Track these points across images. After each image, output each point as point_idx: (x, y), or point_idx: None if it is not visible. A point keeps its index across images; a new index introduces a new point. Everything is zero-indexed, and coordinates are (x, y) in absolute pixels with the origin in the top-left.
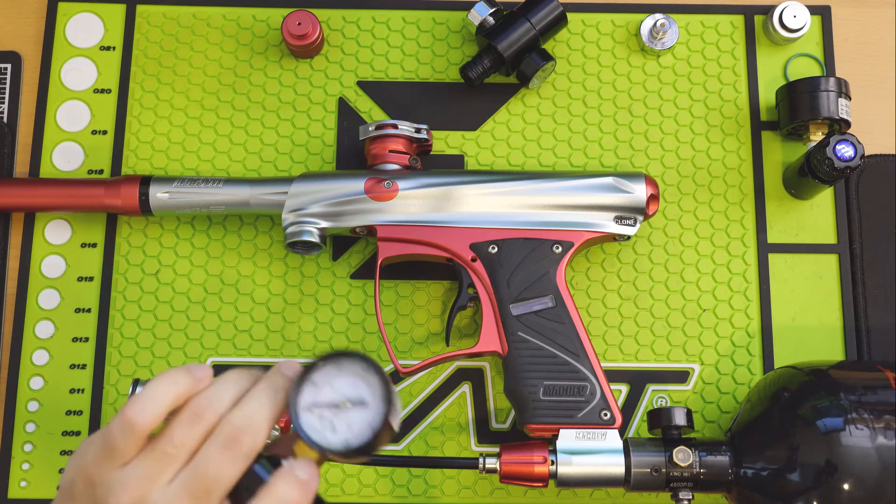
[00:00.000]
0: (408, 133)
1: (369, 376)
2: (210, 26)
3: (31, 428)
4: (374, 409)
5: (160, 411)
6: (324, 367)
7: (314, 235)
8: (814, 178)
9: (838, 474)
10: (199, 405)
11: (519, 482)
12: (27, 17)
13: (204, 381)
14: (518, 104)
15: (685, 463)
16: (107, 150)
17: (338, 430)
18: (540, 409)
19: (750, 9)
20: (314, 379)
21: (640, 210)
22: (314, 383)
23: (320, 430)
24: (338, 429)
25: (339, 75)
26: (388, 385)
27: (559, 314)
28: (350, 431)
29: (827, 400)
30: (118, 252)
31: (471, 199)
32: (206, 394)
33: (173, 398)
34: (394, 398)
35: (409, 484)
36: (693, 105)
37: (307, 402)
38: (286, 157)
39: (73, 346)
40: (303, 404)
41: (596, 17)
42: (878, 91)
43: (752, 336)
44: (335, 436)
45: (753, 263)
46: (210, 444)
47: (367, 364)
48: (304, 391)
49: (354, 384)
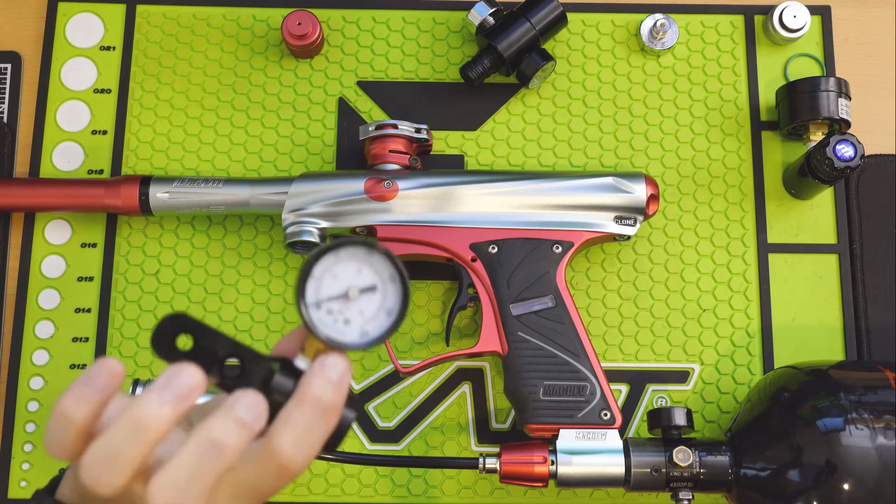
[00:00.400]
0: (408, 133)
1: (373, 259)
2: (210, 26)
3: (31, 428)
4: (385, 291)
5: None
6: (322, 258)
7: (314, 235)
8: (814, 178)
9: (838, 474)
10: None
11: (519, 482)
12: (27, 17)
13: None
14: (518, 104)
15: (685, 463)
16: (107, 150)
17: (351, 321)
18: (540, 409)
19: (750, 9)
20: (314, 273)
21: (640, 210)
22: (315, 277)
23: (332, 325)
24: (351, 320)
25: (339, 75)
26: (396, 263)
27: (559, 314)
28: (363, 318)
29: (827, 400)
30: (118, 252)
31: (471, 199)
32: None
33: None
34: (404, 275)
35: (409, 484)
36: (693, 105)
37: (312, 299)
38: (286, 157)
39: (73, 346)
40: (309, 301)
41: (596, 17)
42: (878, 91)
43: (752, 336)
44: (349, 328)
45: (753, 263)
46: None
47: (368, 247)
48: (307, 288)
49: (358, 269)
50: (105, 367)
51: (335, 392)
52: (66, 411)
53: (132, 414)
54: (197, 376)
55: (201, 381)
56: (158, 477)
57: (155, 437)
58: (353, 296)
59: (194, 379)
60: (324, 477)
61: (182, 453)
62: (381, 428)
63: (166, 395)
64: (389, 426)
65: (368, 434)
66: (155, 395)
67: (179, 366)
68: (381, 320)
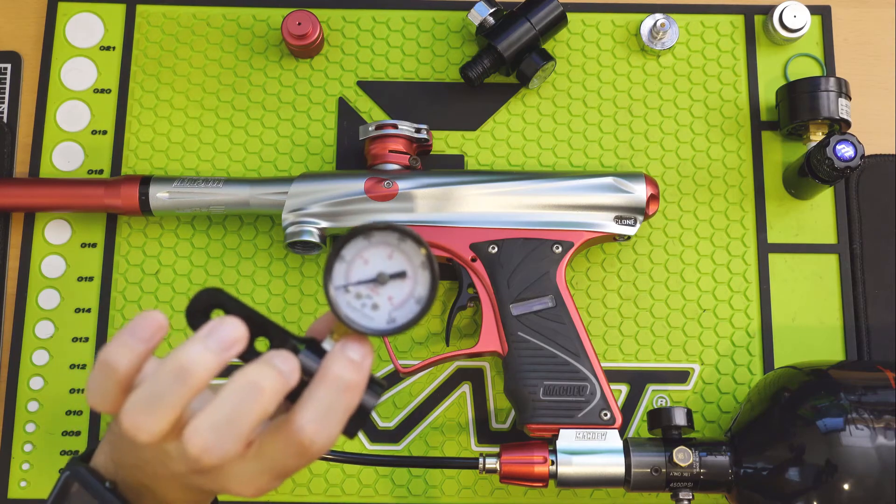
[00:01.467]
0: (408, 133)
1: (405, 245)
2: (210, 26)
3: (31, 428)
4: (416, 278)
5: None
6: (353, 240)
7: (314, 235)
8: (814, 178)
9: (838, 474)
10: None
11: (519, 482)
12: (27, 17)
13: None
14: (518, 104)
15: (685, 463)
16: (107, 150)
17: (380, 306)
18: (540, 409)
19: (750, 9)
20: (344, 255)
21: (640, 210)
22: (344, 259)
23: (359, 310)
24: (380, 305)
25: (339, 75)
26: (428, 250)
27: (559, 314)
28: (392, 305)
29: (827, 400)
30: (118, 252)
31: (471, 199)
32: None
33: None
34: (434, 263)
35: (409, 484)
36: (693, 105)
37: (340, 281)
38: (286, 157)
39: (73, 346)
40: (336, 283)
41: (596, 17)
42: (879, 91)
43: (752, 336)
44: (377, 313)
45: (753, 263)
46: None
47: (400, 233)
48: (335, 270)
49: (389, 255)
50: (150, 318)
51: (356, 372)
52: (110, 359)
53: (176, 360)
54: (240, 329)
55: (244, 334)
56: (196, 420)
57: (198, 383)
58: (382, 281)
59: (238, 331)
60: (324, 477)
61: (220, 396)
62: (381, 428)
63: (210, 343)
64: (389, 426)
65: (368, 434)
66: (199, 342)
67: (222, 318)
68: (410, 307)
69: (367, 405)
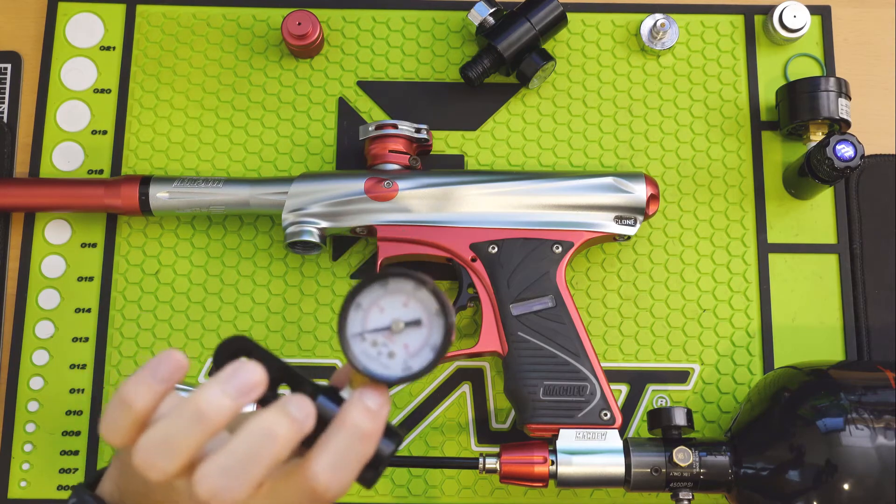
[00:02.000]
0: (408, 133)
1: (420, 293)
2: (210, 26)
3: (31, 428)
4: (431, 325)
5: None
6: (369, 288)
7: (314, 235)
8: (814, 178)
9: (838, 474)
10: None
11: (519, 482)
12: (27, 17)
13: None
14: (518, 104)
15: (685, 463)
16: (107, 150)
17: (396, 354)
18: (540, 409)
19: (750, 9)
20: (360, 302)
21: (641, 210)
22: (360, 306)
23: (376, 358)
24: (396, 353)
25: (338, 75)
26: (442, 298)
27: (559, 314)
28: (408, 353)
29: (827, 400)
30: (118, 252)
31: (471, 199)
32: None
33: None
34: (449, 311)
35: (409, 484)
36: (693, 105)
37: (356, 329)
38: (286, 157)
39: (73, 346)
40: (351, 331)
41: (596, 17)
42: (879, 91)
43: (752, 336)
44: (393, 361)
45: (753, 263)
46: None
47: (416, 282)
48: (350, 316)
49: (405, 303)
50: (171, 359)
51: (373, 420)
52: (128, 397)
53: (194, 402)
54: (259, 373)
55: (263, 379)
56: (207, 463)
57: (213, 427)
58: (398, 329)
59: (257, 376)
60: None
61: (234, 441)
62: None
63: (229, 388)
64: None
65: None
66: (218, 386)
67: (242, 362)
68: (426, 355)
69: (383, 453)
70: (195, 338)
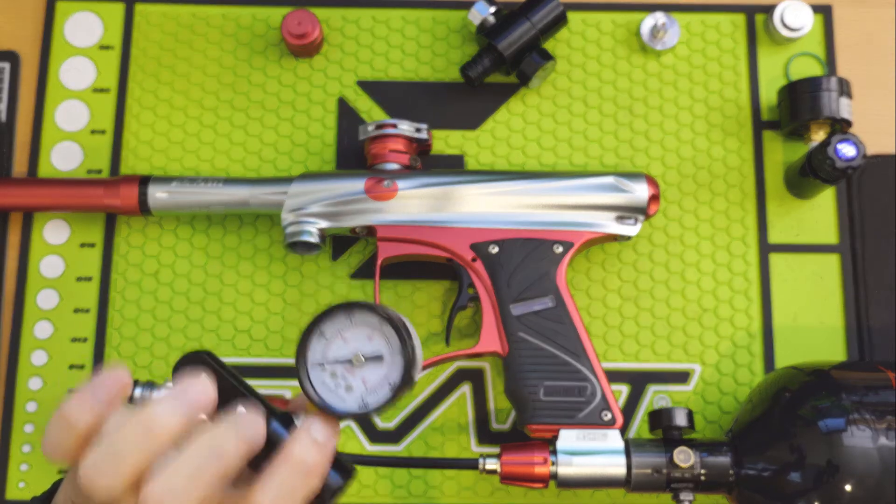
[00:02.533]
0: (408, 133)
1: (385, 328)
2: (209, 25)
3: (30, 429)
4: (393, 362)
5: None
6: (334, 317)
7: (314, 235)
8: (815, 177)
9: (839, 475)
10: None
11: (519, 483)
12: (25, 17)
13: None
14: (518, 103)
15: (686, 463)
16: (106, 150)
17: (354, 388)
18: (540, 410)
19: (751, 8)
20: (323, 330)
21: (641, 210)
22: (324, 336)
23: (333, 390)
24: (354, 387)
25: (338, 75)
26: (407, 337)
27: (559, 314)
28: (366, 388)
29: (828, 400)
30: (117, 252)
31: (471, 199)
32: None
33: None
34: (414, 351)
35: (409, 485)
36: (694, 104)
37: (317, 358)
38: (286, 157)
39: (72, 347)
40: (312, 359)
41: (596, 16)
42: (880, 91)
43: (752, 336)
44: (350, 395)
45: (754, 263)
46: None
47: (380, 317)
48: (312, 344)
49: (369, 336)
50: (112, 378)
51: (318, 453)
52: (69, 416)
53: (142, 418)
54: (210, 392)
55: (213, 398)
56: (155, 481)
57: (161, 444)
58: (358, 362)
59: (207, 394)
60: None
61: (181, 458)
62: (380, 429)
63: (176, 404)
64: (389, 427)
65: (368, 435)
66: (168, 402)
67: (194, 378)
68: (383, 392)
69: (331, 487)
70: (194, 338)
